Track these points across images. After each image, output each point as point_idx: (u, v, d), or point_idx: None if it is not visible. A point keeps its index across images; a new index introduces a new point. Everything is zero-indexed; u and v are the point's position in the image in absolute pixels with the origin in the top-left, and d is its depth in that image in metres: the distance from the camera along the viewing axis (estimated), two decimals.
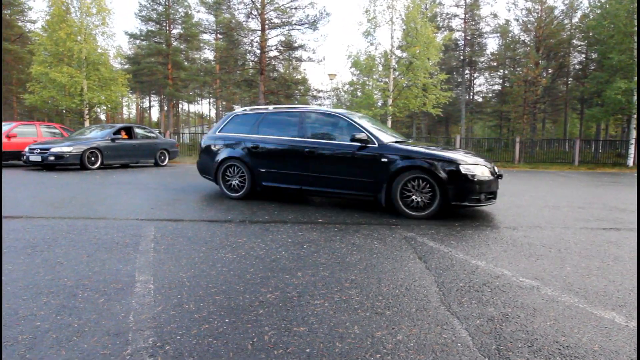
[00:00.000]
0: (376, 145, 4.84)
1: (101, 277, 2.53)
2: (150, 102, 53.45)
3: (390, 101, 18.60)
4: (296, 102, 33.17)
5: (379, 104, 19.65)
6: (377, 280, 2.57)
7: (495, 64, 36.04)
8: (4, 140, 11.41)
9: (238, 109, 6.40)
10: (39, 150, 10.20)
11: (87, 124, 19.19)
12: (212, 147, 6.13)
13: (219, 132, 6.17)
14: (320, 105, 36.39)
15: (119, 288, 2.35)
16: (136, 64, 36.19)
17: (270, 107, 5.97)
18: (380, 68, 19.40)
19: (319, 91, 28.09)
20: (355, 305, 2.18)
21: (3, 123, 12.99)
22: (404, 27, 18.61)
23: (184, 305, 2.14)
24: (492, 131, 41.85)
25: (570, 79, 33.06)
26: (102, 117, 39.52)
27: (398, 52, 19.94)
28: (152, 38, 35.65)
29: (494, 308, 2.18)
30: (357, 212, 4.98)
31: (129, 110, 58.59)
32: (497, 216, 4.89)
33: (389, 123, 19.14)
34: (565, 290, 2.47)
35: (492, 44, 56.37)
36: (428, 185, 4.54)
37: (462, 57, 34.31)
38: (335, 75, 19.97)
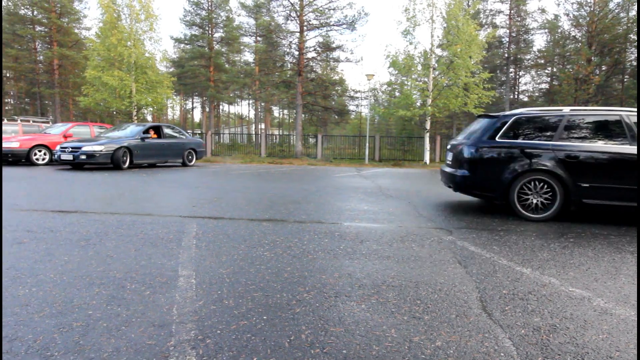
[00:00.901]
0: None
1: (147, 270, 2.65)
2: (193, 104, 55.48)
3: (429, 101, 18.20)
4: (333, 103, 33.22)
5: (418, 104, 19.29)
6: (414, 284, 2.52)
7: (542, 61, 34.32)
8: (61, 139, 12.25)
9: (516, 110, 5.32)
10: (70, 149, 10.20)
11: None
12: (495, 157, 4.95)
13: (499, 138, 5.00)
14: (357, 106, 36.25)
15: (164, 282, 2.46)
16: (180, 67, 37.69)
17: (566, 109, 4.99)
18: (420, 67, 19.02)
19: (356, 92, 27.98)
20: (393, 309, 2.15)
21: (61, 124, 13.97)
22: (445, 25, 18.14)
23: (223, 300, 2.20)
24: None
25: (627, 77, 30.85)
26: (149, 118, 41.44)
27: (438, 51, 19.49)
28: (196, 42, 36.99)
29: (540, 318, 2.08)
30: (396, 215, 4.91)
31: (173, 111, 61.12)
32: (544, 221, 4.65)
33: (428, 124, 18.73)
34: (619, 302, 2.31)
35: (540, 41, 53.83)
36: None
37: (506, 55, 32.95)
38: (373, 75, 19.80)
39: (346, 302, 2.23)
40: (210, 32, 36.39)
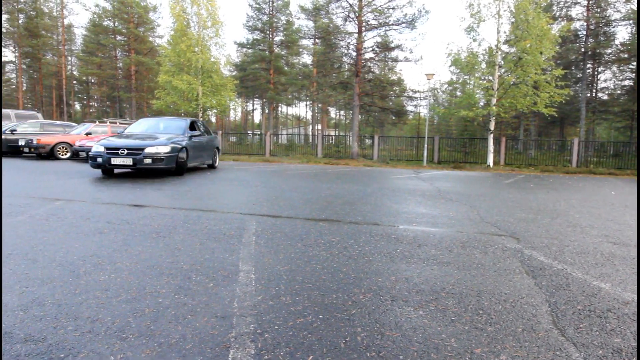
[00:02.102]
0: None
1: (211, 264, 2.80)
2: (253, 105, 57.60)
3: (494, 101, 17.23)
4: (391, 104, 32.70)
5: (481, 103, 18.34)
6: (476, 293, 2.40)
7: (626, 55, 30.99)
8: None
9: None
10: (126, 152, 7.81)
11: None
12: None
13: None
14: (416, 106, 35.34)
15: (225, 275, 2.57)
16: (242, 71, 39.33)
17: None
18: (484, 65, 18.08)
19: (415, 92, 27.29)
20: (453, 317, 2.06)
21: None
22: (513, 19, 17.07)
23: (281, 297, 2.26)
24: (620, 133, 36.14)
25: None
26: (213, 119, 43.73)
27: (505, 48, 18.38)
28: (257, 46, 38.39)
29: (621, 339, 1.88)
30: (456, 219, 4.72)
31: (235, 113, 63.88)
32: (626, 231, 4.20)
33: (492, 124, 17.75)
34: None
35: (623, 33, 48.60)
36: None
37: (583, 50, 30.24)
38: (433, 74, 19.17)
39: (403, 306, 2.18)
40: (270, 36, 37.55)
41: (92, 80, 45.62)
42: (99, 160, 7.72)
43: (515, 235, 3.90)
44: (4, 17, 36.71)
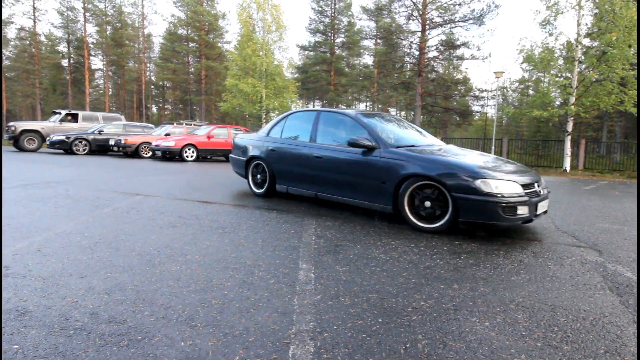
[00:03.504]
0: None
1: (272, 260, 2.88)
2: (313, 107, 58.43)
3: (572, 99, 15.81)
4: (455, 104, 31.41)
5: (557, 102, 16.92)
6: (550, 308, 2.22)
7: None
8: (205, 139, 14.18)
9: None
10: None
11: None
12: None
13: None
14: (483, 106, 33.57)
15: (286, 272, 2.64)
16: (304, 73, 40.10)
17: None
18: (561, 61, 16.65)
19: (481, 91, 25.93)
20: (523, 332, 1.93)
21: (204, 125, 16.14)
22: (596, 10, 15.54)
23: (340, 297, 2.26)
24: None
25: None
26: None
27: (586, 41, 16.82)
28: (319, 48, 38.92)
29: None
30: (525, 227, 4.40)
31: None
32: None
33: (570, 125, 16.30)
34: None
35: None
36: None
37: None
38: (503, 72, 18.05)
39: (467, 317, 2.07)
40: (332, 37, 37.88)
41: (167, 85, 49.30)
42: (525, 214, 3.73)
43: (596, 247, 3.55)
44: (94, 29, 41.00)
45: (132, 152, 14.66)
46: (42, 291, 2.19)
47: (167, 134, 15.38)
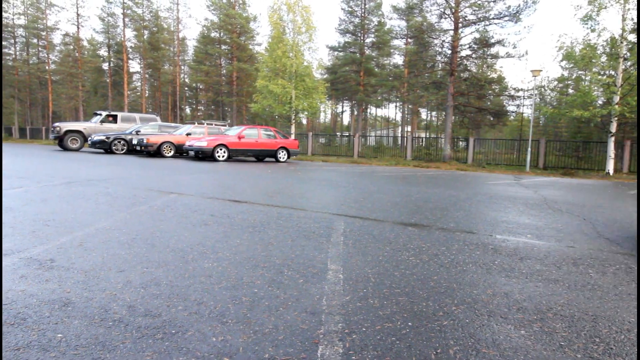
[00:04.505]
0: None
1: (301, 260, 2.90)
2: (342, 107, 58.37)
3: (616, 99, 14.99)
4: (488, 104, 30.46)
5: (600, 102, 16.08)
6: (592, 318, 2.11)
7: None
8: (236, 140, 14.46)
9: None
10: None
11: (293, 128, 22.42)
12: None
13: None
14: (518, 106, 32.39)
15: (315, 273, 2.65)
16: (333, 74, 40.14)
17: None
18: (604, 59, 15.82)
19: (517, 90, 24.99)
20: (562, 342, 1.84)
21: (235, 126, 16.45)
22: None
23: (369, 299, 2.24)
24: None
25: None
26: (304, 121, 45.43)
27: (632, 37, 15.87)
28: (348, 49, 38.84)
29: None
30: (566, 232, 4.21)
31: (325, 115, 65.48)
32: None
33: (614, 126, 15.45)
34: None
35: None
36: None
37: None
38: (540, 71, 17.35)
39: (501, 323, 2.01)
40: (362, 38, 37.71)
41: (200, 87, 50.65)
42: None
43: None
44: (132, 34, 42.71)
45: (154, 152, 14.96)
46: (83, 284, 2.31)
47: (187, 134, 15.66)
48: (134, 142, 15.78)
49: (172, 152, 15.26)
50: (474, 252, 3.26)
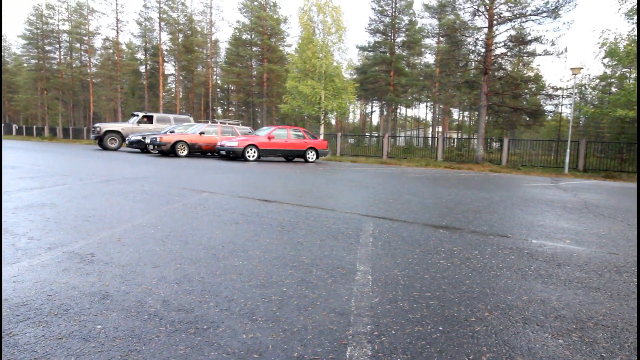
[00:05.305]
0: None
1: (329, 260, 2.90)
2: (372, 108, 57.96)
3: None
4: (524, 103, 29.37)
5: None
6: (636, 329, 1.98)
7: None
8: (266, 140, 14.66)
9: None
10: None
11: (321, 128, 22.48)
12: None
13: None
14: (556, 105, 31.07)
15: (343, 273, 2.64)
16: (363, 74, 39.90)
17: None
18: None
19: (556, 89, 23.95)
20: (603, 353, 1.75)
21: (265, 127, 16.65)
22: None
23: (398, 302, 2.22)
24: None
25: None
26: (333, 121, 45.45)
27: None
28: (378, 48, 38.51)
29: None
30: (609, 238, 4.00)
31: (354, 115, 65.22)
32: None
33: None
34: None
35: None
36: None
37: None
38: (581, 69, 16.54)
39: (538, 331, 1.93)
40: (392, 37, 37.30)
41: (232, 88, 51.75)
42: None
43: None
44: (167, 37, 44.17)
45: (168, 150, 14.72)
46: (121, 278, 2.41)
47: (201, 133, 15.57)
48: (147, 141, 15.65)
49: (186, 152, 15.10)
50: (508, 257, 3.15)
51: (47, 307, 1.98)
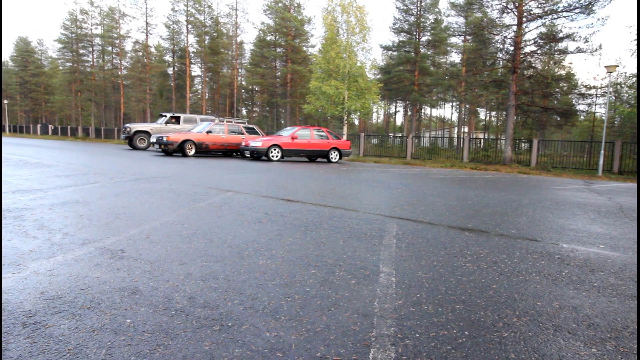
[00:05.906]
0: None
1: (352, 261, 2.89)
2: (396, 108, 57.39)
3: None
4: (555, 102, 28.38)
5: None
6: None
7: None
8: (289, 140, 14.76)
9: None
10: None
11: (345, 128, 22.43)
12: None
13: None
14: (590, 105, 29.84)
15: (366, 275, 2.62)
16: (387, 74, 39.57)
17: None
18: None
19: (589, 88, 23.02)
20: None
21: (289, 127, 16.75)
22: None
23: (422, 305, 2.18)
24: None
25: None
26: (356, 122, 45.29)
27: None
28: (403, 48, 38.07)
29: None
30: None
31: (378, 115, 64.75)
32: None
33: None
34: None
35: None
36: None
37: None
38: (616, 66, 15.82)
39: (569, 339, 1.86)
40: (417, 36, 36.80)
41: (256, 89, 52.36)
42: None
43: None
44: (194, 40, 45.15)
45: (174, 150, 14.49)
46: (149, 274, 2.48)
47: (208, 132, 15.36)
48: (153, 140, 15.34)
49: (194, 151, 14.88)
50: (537, 261, 3.06)
51: (80, 300, 2.06)
